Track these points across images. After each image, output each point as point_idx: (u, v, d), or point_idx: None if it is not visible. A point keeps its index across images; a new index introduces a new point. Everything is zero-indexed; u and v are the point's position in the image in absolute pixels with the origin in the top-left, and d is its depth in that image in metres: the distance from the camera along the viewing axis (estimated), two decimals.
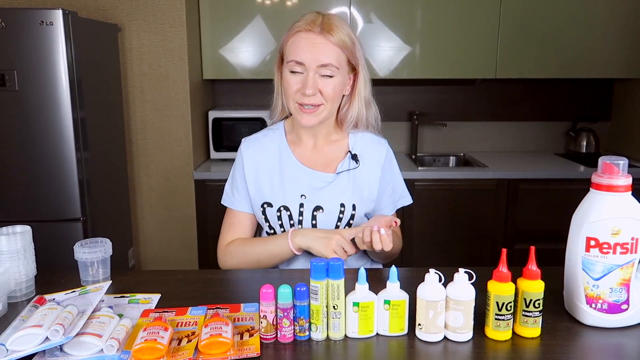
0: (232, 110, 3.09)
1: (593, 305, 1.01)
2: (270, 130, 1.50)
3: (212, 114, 3.06)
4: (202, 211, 2.90)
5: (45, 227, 2.30)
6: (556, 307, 1.09)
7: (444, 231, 2.93)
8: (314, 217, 1.41)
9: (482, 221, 2.93)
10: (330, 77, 1.32)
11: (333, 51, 1.32)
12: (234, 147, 3.06)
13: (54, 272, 1.25)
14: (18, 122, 2.21)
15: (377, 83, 1.48)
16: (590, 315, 1.02)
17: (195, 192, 2.89)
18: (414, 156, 3.30)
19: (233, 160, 3.18)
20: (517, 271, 1.01)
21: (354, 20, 2.95)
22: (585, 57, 3.00)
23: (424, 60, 3.00)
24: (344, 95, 1.42)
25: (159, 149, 2.86)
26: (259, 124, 3.05)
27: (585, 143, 3.25)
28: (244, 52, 3.00)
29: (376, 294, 0.99)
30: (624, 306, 1.00)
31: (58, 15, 2.16)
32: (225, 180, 2.98)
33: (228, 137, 3.09)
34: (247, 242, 1.46)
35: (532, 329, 0.98)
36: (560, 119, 3.38)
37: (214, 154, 3.10)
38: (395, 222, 1.27)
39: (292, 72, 1.33)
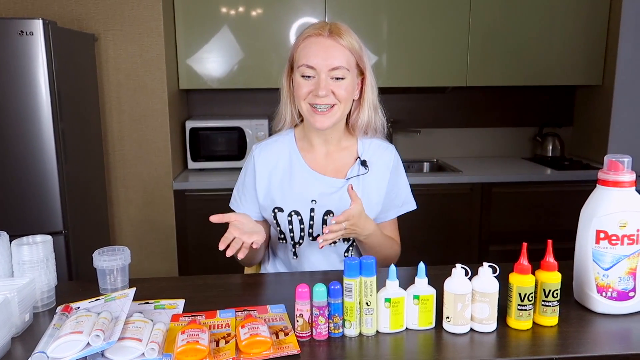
0: (209, 120, 3.09)
1: (603, 294, 1.08)
2: (281, 136, 1.52)
3: (189, 124, 3.04)
4: (181, 222, 2.88)
5: None
6: (565, 297, 1.15)
7: (420, 235, 2.99)
8: (324, 222, 1.44)
9: (457, 224, 3.01)
10: (342, 79, 1.36)
11: (343, 53, 1.36)
12: (211, 157, 3.10)
13: (71, 282, 1.24)
14: None
15: None
16: (601, 303, 1.09)
17: (174, 202, 2.86)
18: None
19: (211, 170, 3.18)
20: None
21: None
22: (549, 66, 3.16)
23: (396, 69, 3.08)
24: (353, 100, 1.45)
25: (137, 159, 2.83)
26: (236, 133, 3.06)
27: (551, 147, 3.40)
28: (212, 62, 3.01)
29: (405, 290, 1.03)
30: (632, 293, 1.08)
31: (38, 25, 2.12)
32: (206, 190, 2.95)
33: (205, 147, 3.08)
34: None
35: (550, 317, 1.04)
36: (527, 125, 3.53)
37: (191, 164, 3.08)
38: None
39: (304, 76, 1.37)
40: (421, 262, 1.03)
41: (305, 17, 2.96)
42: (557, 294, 1.03)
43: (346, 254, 1.49)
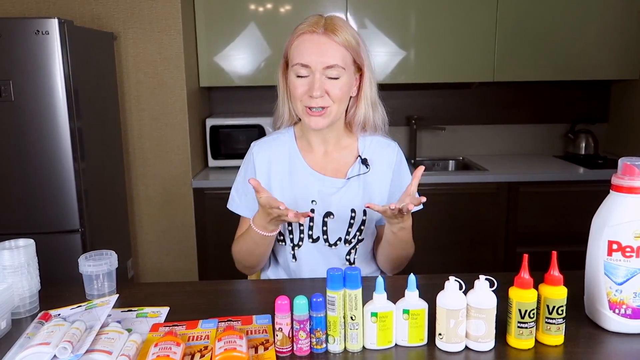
0: (229, 118, 3.06)
1: (616, 311, 0.99)
2: (280, 134, 1.47)
3: (210, 122, 3.02)
4: (201, 220, 2.86)
5: (43, 239, 2.22)
6: (575, 312, 1.07)
7: (445, 236, 2.91)
8: (324, 224, 1.38)
9: (482, 225, 2.90)
10: (337, 78, 1.30)
11: (338, 51, 1.30)
12: (232, 155, 3.07)
13: (58, 287, 1.22)
14: (14, 133, 2.17)
15: None
16: (613, 321, 0.99)
17: (194, 201, 2.85)
18: (412, 161, 3.28)
19: (231, 168, 3.15)
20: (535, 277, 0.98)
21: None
22: (581, 59, 3.00)
23: (419, 64, 2.99)
24: (351, 97, 1.39)
25: (157, 158, 2.82)
26: (256, 131, 3.03)
27: (584, 145, 3.24)
28: (239, 60, 2.98)
29: (394, 303, 0.96)
30: None
31: (54, 25, 2.13)
32: (225, 188, 2.91)
33: (226, 145, 3.06)
34: (239, 237, 1.43)
35: (555, 336, 0.96)
36: (558, 121, 3.38)
37: (212, 162, 3.06)
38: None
39: (298, 75, 1.31)
40: (412, 273, 0.96)
41: (331, 11, 2.91)
42: (562, 310, 0.94)
43: (348, 257, 1.43)
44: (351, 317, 0.94)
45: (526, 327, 0.94)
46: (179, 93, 2.77)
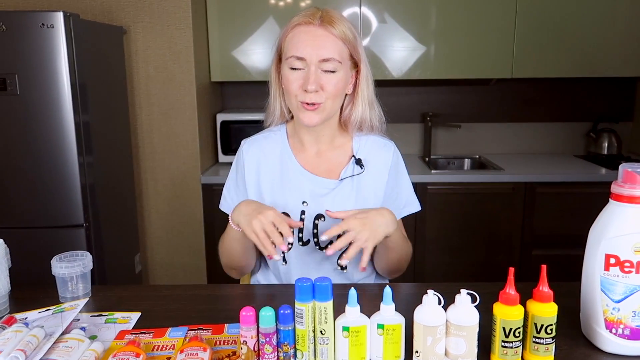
0: (240, 113, 3.02)
1: (613, 331, 0.91)
2: (271, 132, 1.42)
3: (220, 117, 2.99)
4: (209, 216, 2.84)
5: (47, 233, 2.25)
6: (572, 330, 0.99)
7: (458, 237, 2.82)
8: (315, 226, 1.33)
9: (498, 226, 2.81)
10: (333, 72, 1.24)
11: (335, 44, 1.23)
12: None
13: (34, 287, 1.18)
14: (20, 127, 2.17)
15: (390, 84, 1.39)
16: (610, 342, 0.91)
17: (202, 196, 2.82)
18: (427, 159, 3.19)
19: None
20: (528, 288, 0.91)
21: (366, 20, 2.86)
22: (606, 55, 2.87)
23: (438, 60, 2.89)
24: (346, 95, 1.33)
25: (166, 152, 2.80)
26: None
27: (606, 144, 3.11)
28: (257, 54, 2.93)
29: (369, 317, 0.90)
30: None
31: (59, 18, 2.11)
32: None
33: (236, 140, 3.02)
34: (222, 236, 1.39)
35: (543, 357, 0.88)
36: (580, 120, 3.25)
37: (222, 158, 3.03)
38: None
39: (292, 68, 1.25)
40: (387, 286, 0.89)
41: (347, 5, 2.84)
42: (551, 329, 0.87)
43: (339, 261, 1.37)
44: (321, 331, 0.88)
45: (511, 347, 0.87)
46: (189, 88, 2.74)
